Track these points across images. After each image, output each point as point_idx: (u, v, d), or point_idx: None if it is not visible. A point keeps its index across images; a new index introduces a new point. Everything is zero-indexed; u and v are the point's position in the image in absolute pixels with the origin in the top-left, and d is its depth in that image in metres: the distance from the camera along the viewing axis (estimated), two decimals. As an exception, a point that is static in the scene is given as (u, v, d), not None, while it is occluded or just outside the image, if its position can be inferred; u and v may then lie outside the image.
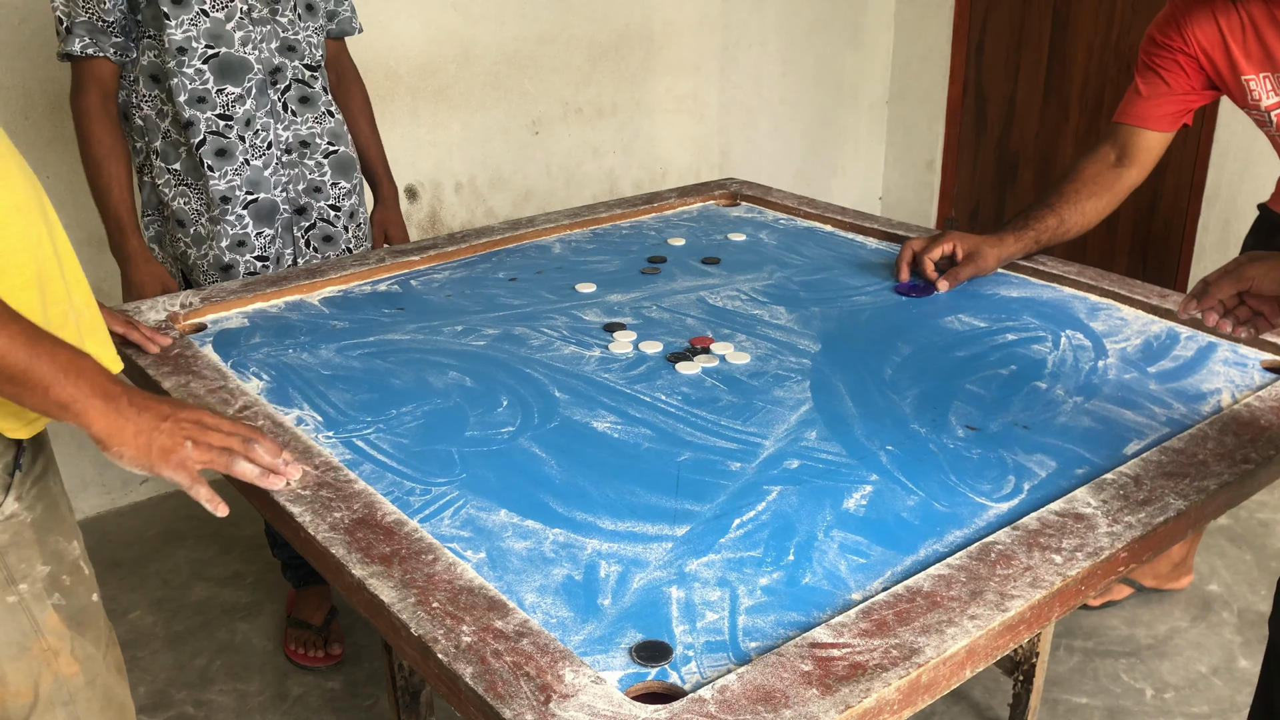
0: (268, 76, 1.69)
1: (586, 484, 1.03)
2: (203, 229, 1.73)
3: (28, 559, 0.97)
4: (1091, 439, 1.10)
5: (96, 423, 0.89)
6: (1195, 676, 1.92)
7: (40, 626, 0.98)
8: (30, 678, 0.97)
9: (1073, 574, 0.85)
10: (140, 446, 0.91)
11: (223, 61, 1.65)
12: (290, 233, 1.78)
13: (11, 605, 0.96)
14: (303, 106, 1.75)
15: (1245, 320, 1.11)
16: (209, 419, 0.97)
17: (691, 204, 1.99)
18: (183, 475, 0.94)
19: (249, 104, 1.68)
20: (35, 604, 0.97)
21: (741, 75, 3.33)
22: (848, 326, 1.40)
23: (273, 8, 1.69)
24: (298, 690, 1.93)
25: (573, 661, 0.75)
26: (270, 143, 1.72)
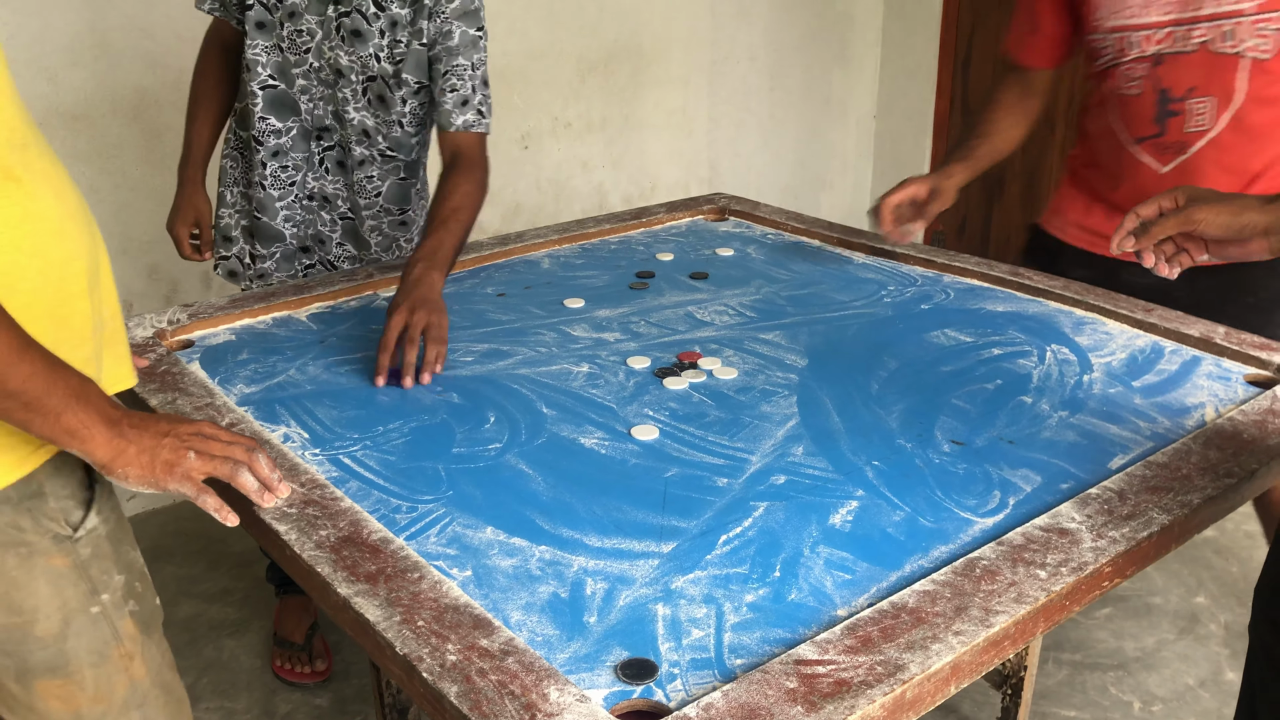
0: (314, 130, 1.70)
1: (573, 501, 1.03)
2: (229, 195, 1.80)
3: (107, 570, 0.99)
4: (1076, 453, 1.11)
5: (100, 449, 0.90)
6: (1182, 689, 1.92)
7: (119, 634, 1.01)
8: (108, 685, 1.01)
9: (1057, 589, 0.86)
10: (144, 464, 0.92)
11: (277, 96, 1.66)
12: (291, 264, 1.80)
13: (95, 615, 0.98)
14: (337, 169, 1.73)
15: (1170, 256, 1.13)
16: (208, 429, 0.98)
17: (680, 219, 1.99)
18: (188, 486, 0.95)
19: (284, 140, 1.69)
20: (115, 612, 1.00)
21: (730, 90, 3.35)
22: (835, 341, 1.41)
23: (336, 78, 1.64)
24: (285, 708, 1.92)
25: (558, 680, 0.75)
26: (294, 183, 1.73)
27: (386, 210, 1.78)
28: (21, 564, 0.93)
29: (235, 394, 1.26)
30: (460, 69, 1.63)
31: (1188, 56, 1.44)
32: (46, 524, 0.94)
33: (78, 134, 2.23)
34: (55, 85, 2.18)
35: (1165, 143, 1.50)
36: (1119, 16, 1.48)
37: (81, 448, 0.89)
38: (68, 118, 2.21)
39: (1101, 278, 1.57)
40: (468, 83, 1.63)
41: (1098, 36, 1.52)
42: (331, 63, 1.63)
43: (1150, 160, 1.53)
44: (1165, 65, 1.46)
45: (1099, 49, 1.54)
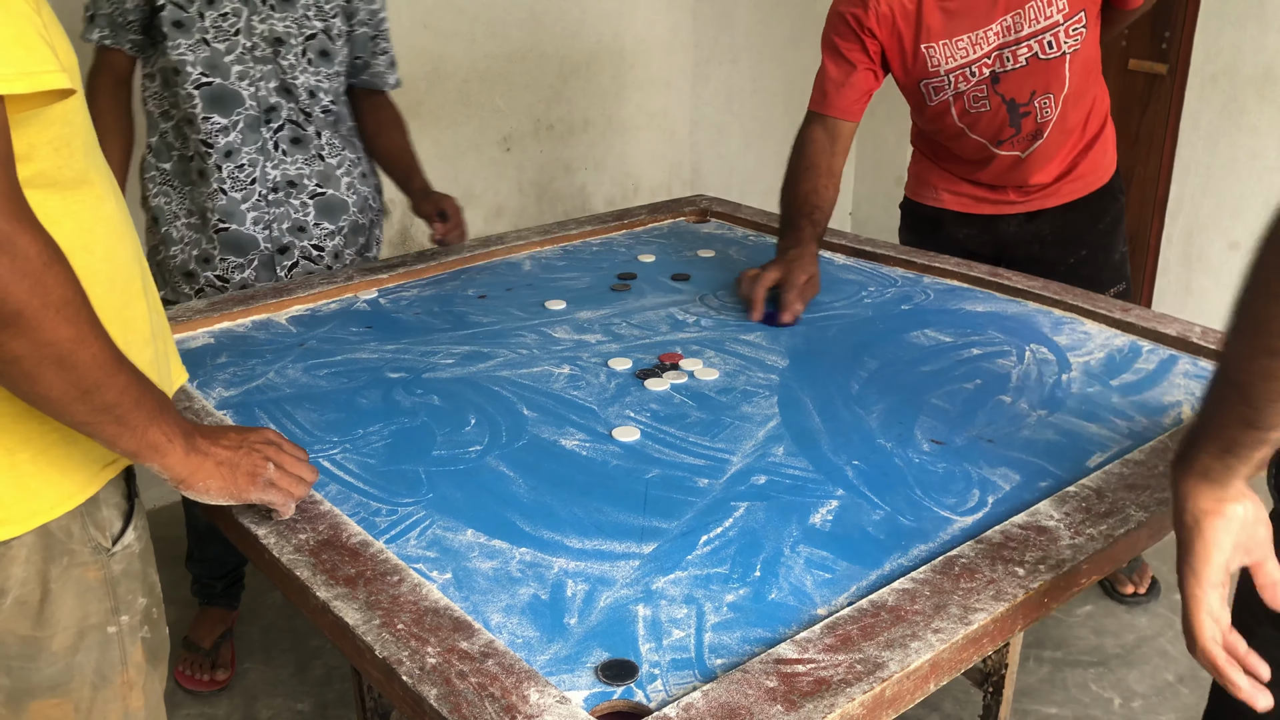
0: (261, 114, 1.68)
1: (554, 502, 1.03)
2: (175, 232, 1.73)
3: (133, 590, 0.96)
4: (1055, 452, 1.12)
5: (180, 463, 0.89)
6: (1162, 685, 1.94)
7: (128, 659, 0.97)
8: (103, 710, 0.96)
9: (1035, 586, 0.86)
10: (225, 477, 0.92)
11: (215, 91, 1.64)
12: (271, 270, 1.76)
13: (110, 635, 0.95)
14: (294, 147, 1.73)
15: None
16: (274, 436, 0.98)
17: (662, 220, 2.00)
18: (274, 494, 0.95)
19: (233, 136, 1.67)
20: (129, 636, 0.97)
21: (712, 92, 3.35)
22: (815, 342, 1.41)
23: (276, 49, 1.66)
24: (267, 714, 1.91)
25: (538, 682, 0.75)
26: (255, 179, 1.70)
27: (353, 164, 1.81)
28: (62, 574, 0.89)
29: (214, 397, 1.25)
30: (385, 31, 1.81)
31: (1021, 69, 1.67)
32: (93, 533, 0.91)
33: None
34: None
35: (1022, 137, 1.75)
36: (954, 60, 1.68)
37: (162, 462, 0.88)
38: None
39: (981, 233, 1.89)
40: (390, 43, 1.84)
41: (938, 79, 1.71)
42: (266, 35, 1.65)
43: (1011, 151, 1.77)
44: (1004, 81, 1.68)
45: (938, 88, 1.72)
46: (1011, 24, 1.63)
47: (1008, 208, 1.85)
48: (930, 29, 1.65)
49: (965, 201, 1.88)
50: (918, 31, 1.66)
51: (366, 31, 1.77)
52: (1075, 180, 1.83)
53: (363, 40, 1.78)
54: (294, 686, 1.97)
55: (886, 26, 1.68)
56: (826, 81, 1.75)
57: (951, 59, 1.67)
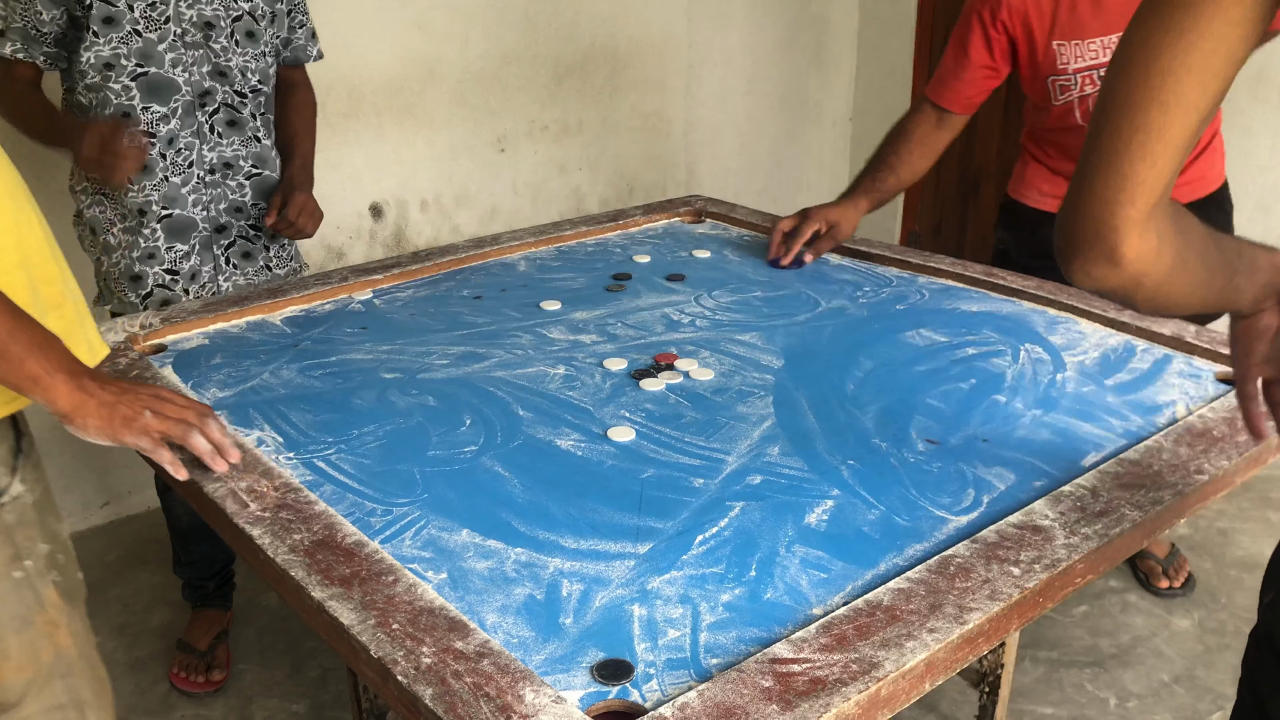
0: (196, 99, 1.72)
1: (549, 503, 1.02)
2: (113, 239, 1.77)
3: (31, 537, 1.01)
4: (1050, 451, 1.12)
5: (63, 397, 0.95)
6: (1158, 685, 1.94)
7: (43, 601, 1.02)
8: (32, 652, 1.01)
9: (1030, 586, 0.86)
10: (104, 417, 0.98)
11: (151, 81, 1.68)
12: (210, 250, 1.81)
13: (18, 581, 1.00)
14: (230, 129, 1.77)
15: None
16: (165, 393, 1.04)
17: (657, 221, 1.99)
18: (145, 440, 1.00)
19: (173, 123, 1.71)
20: (38, 580, 1.01)
21: (707, 93, 3.35)
22: (810, 342, 1.41)
23: (207, 33, 1.70)
24: (262, 715, 1.90)
25: (533, 681, 0.75)
26: (192, 162, 1.75)
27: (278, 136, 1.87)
28: None
29: (209, 398, 1.25)
30: (301, 3, 1.86)
31: None
32: None
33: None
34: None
35: None
36: (1082, 60, 1.70)
37: (44, 395, 0.94)
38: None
39: None
40: (308, 15, 1.90)
41: (1065, 78, 1.72)
42: (196, 21, 1.68)
43: None
44: None
45: (1065, 86, 1.73)
46: None
47: None
48: (1063, 26, 1.68)
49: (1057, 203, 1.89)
50: (1051, 27, 1.68)
51: (283, 6, 1.82)
52: (1183, 185, 1.83)
53: (281, 16, 1.83)
54: (289, 688, 1.97)
55: (1019, 19, 1.70)
56: (943, 70, 1.79)
57: (1080, 59, 1.69)
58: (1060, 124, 1.82)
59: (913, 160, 1.78)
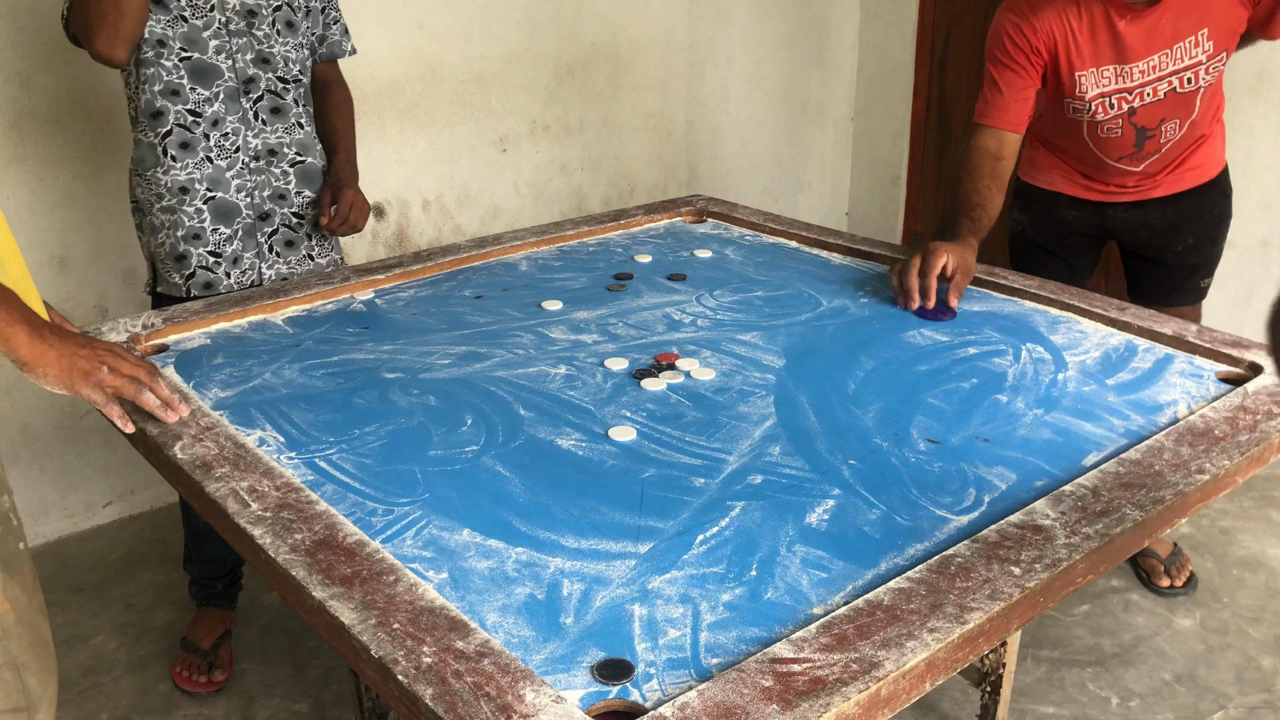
0: (240, 85, 1.74)
1: (550, 502, 1.03)
2: (156, 219, 1.78)
3: None
4: (1051, 451, 1.12)
5: (23, 346, 1.02)
6: (1159, 684, 1.94)
7: None
8: None
9: (1031, 585, 0.86)
10: (63, 368, 1.05)
11: (195, 65, 1.71)
12: (254, 237, 1.81)
13: None
14: (274, 116, 1.79)
15: None
16: (119, 349, 1.12)
17: (658, 220, 2.00)
18: (99, 394, 1.08)
19: (218, 106, 1.74)
20: None
21: (708, 93, 3.35)
22: (812, 342, 1.41)
23: (250, 21, 1.73)
24: (264, 714, 1.90)
25: (534, 681, 0.75)
26: (238, 147, 1.77)
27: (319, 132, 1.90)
28: None
29: (210, 398, 1.25)
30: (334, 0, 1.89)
31: (1158, 102, 1.76)
32: None
33: (50, 138, 2.21)
34: (28, 89, 2.17)
35: (1142, 155, 1.85)
36: (1098, 88, 1.75)
37: (5, 345, 1.00)
38: (40, 121, 2.19)
39: (1091, 215, 2.00)
40: (340, 12, 1.91)
41: (1079, 103, 1.79)
42: (239, 9, 1.71)
43: (1127, 166, 1.88)
44: (1139, 113, 1.78)
45: (1078, 109, 1.81)
46: (1158, 63, 1.70)
47: (1118, 196, 1.95)
48: (1085, 55, 1.73)
49: (1077, 189, 1.98)
50: (1075, 57, 1.73)
51: (318, 3, 1.85)
52: (1186, 171, 1.91)
53: (316, 12, 1.85)
54: (291, 687, 1.97)
55: (1048, 45, 1.74)
56: (990, 94, 1.80)
57: (1096, 87, 1.75)
58: (1066, 135, 1.90)
59: (992, 195, 1.73)
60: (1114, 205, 1.97)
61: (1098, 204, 1.98)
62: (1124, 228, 1.99)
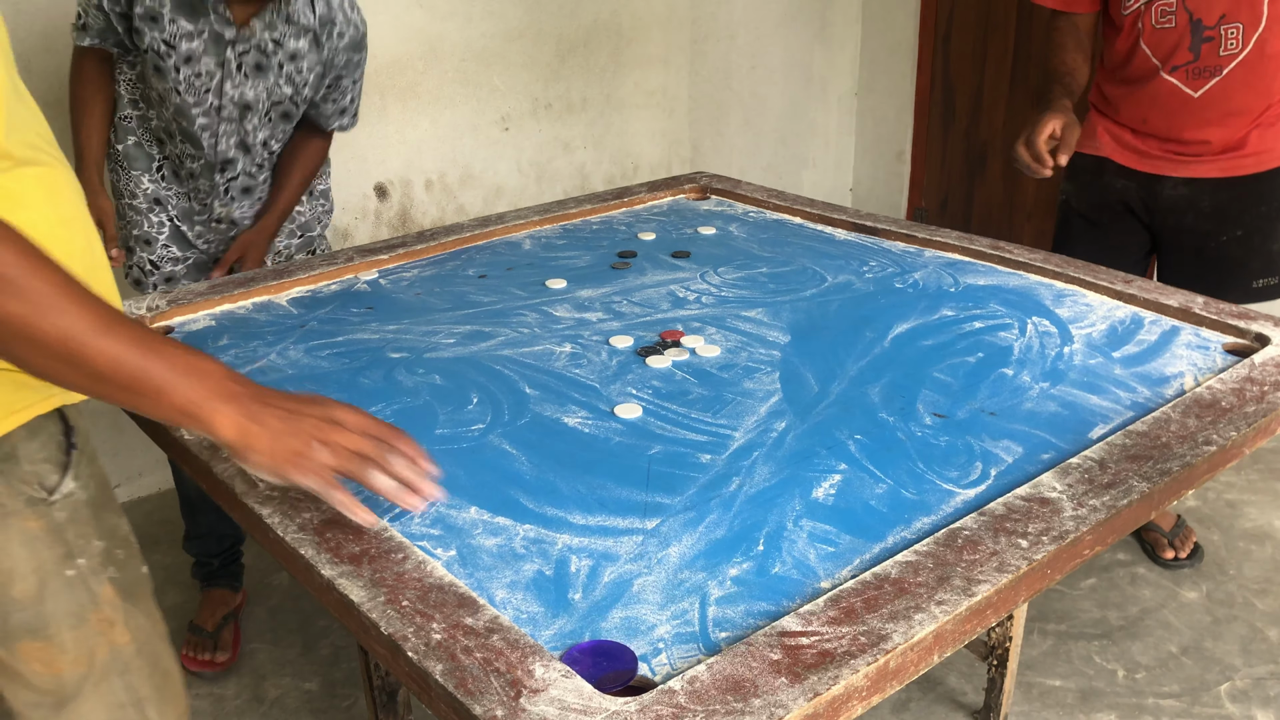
0: (218, 163, 1.79)
1: (557, 479, 1.03)
2: (121, 207, 1.86)
3: (85, 535, 1.00)
4: (1057, 424, 1.12)
5: (225, 429, 0.83)
6: (1166, 656, 1.94)
7: (97, 599, 1.01)
8: (86, 647, 1.01)
9: (1038, 558, 0.86)
10: (269, 452, 0.84)
11: (184, 130, 1.75)
12: (201, 272, 1.91)
13: (70, 579, 0.99)
14: (242, 195, 1.85)
15: None
16: (339, 414, 0.87)
17: (662, 198, 1.99)
18: (314, 481, 0.86)
19: (195, 167, 1.80)
20: (92, 577, 1.01)
21: (711, 69, 3.33)
22: (817, 318, 1.41)
23: (244, 113, 1.74)
24: (275, 693, 1.92)
25: (543, 656, 0.76)
26: (205, 204, 1.84)
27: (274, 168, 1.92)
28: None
29: (216, 379, 1.25)
30: (345, 88, 1.83)
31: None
32: (19, 487, 0.94)
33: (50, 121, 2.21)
34: (29, 72, 2.16)
35: (1199, 67, 1.70)
36: None
37: (205, 429, 0.83)
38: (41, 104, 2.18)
39: (1139, 187, 1.91)
40: (348, 95, 1.85)
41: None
42: (237, 100, 1.72)
43: (1183, 86, 1.75)
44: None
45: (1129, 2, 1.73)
46: None
47: (1168, 167, 1.86)
48: None
49: (1127, 155, 1.91)
50: None
51: (333, 94, 1.83)
52: (1246, 155, 1.80)
53: (324, 97, 1.83)
54: (301, 666, 1.99)
55: None
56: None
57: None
58: (1124, 44, 1.82)
59: (1080, 63, 1.83)
60: (1164, 180, 1.87)
61: (1146, 176, 1.89)
62: (1169, 207, 1.89)
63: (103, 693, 1.03)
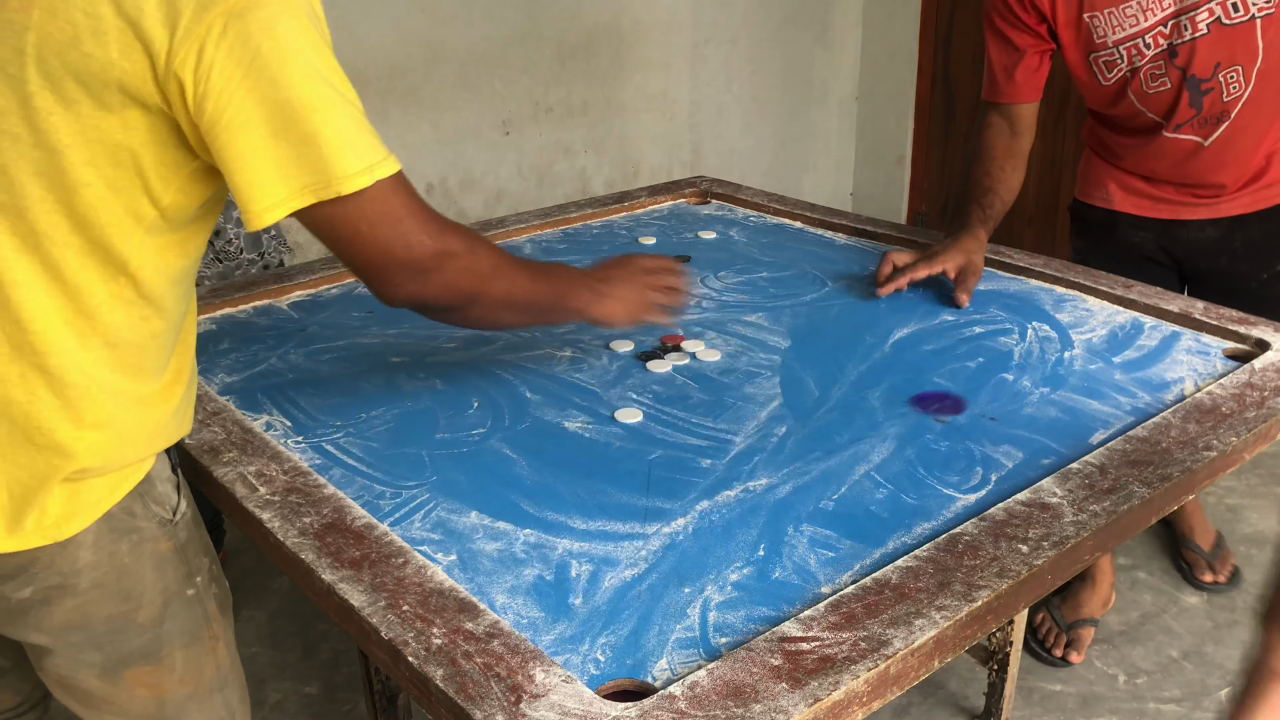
0: None
1: (557, 484, 1.03)
2: None
3: (197, 553, 1.02)
4: (1058, 429, 1.12)
5: (595, 311, 1.13)
6: (1166, 661, 1.94)
7: (209, 615, 1.03)
8: (196, 666, 1.03)
9: (1039, 563, 0.86)
10: (625, 315, 1.16)
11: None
12: None
13: (190, 598, 1.01)
14: None
15: None
16: (646, 264, 1.21)
17: (662, 202, 1.99)
18: (660, 317, 1.21)
19: None
20: (205, 594, 1.03)
21: (711, 73, 3.34)
22: (817, 322, 1.41)
23: None
24: (275, 697, 1.92)
25: (543, 661, 0.76)
26: None
27: None
28: (133, 550, 0.94)
29: (217, 383, 1.25)
30: None
31: (1203, 38, 1.46)
32: (154, 509, 0.96)
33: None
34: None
35: (1204, 118, 1.54)
36: (1122, 29, 1.50)
37: (583, 316, 1.13)
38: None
39: (1159, 237, 1.70)
40: None
41: (1106, 51, 1.54)
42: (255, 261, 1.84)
43: (1192, 137, 1.57)
44: (1182, 54, 1.48)
45: (1110, 62, 1.55)
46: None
47: (1188, 211, 1.64)
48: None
49: (1140, 203, 1.69)
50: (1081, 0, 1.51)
51: None
52: (1272, 184, 1.61)
53: None
54: (301, 670, 1.98)
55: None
56: (994, 68, 1.63)
57: (1119, 29, 1.50)
58: (1115, 109, 1.63)
59: (1006, 176, 1.59)
60: (1185, 225, 1.65)
61: (1165, 223, 1.67)
62: (1197, 253, 1.67)
63: (204, 710, 1.04)
